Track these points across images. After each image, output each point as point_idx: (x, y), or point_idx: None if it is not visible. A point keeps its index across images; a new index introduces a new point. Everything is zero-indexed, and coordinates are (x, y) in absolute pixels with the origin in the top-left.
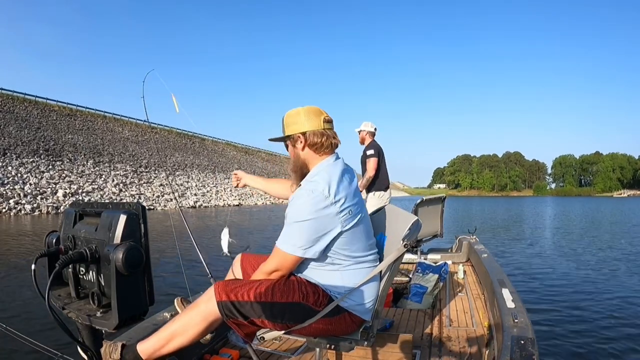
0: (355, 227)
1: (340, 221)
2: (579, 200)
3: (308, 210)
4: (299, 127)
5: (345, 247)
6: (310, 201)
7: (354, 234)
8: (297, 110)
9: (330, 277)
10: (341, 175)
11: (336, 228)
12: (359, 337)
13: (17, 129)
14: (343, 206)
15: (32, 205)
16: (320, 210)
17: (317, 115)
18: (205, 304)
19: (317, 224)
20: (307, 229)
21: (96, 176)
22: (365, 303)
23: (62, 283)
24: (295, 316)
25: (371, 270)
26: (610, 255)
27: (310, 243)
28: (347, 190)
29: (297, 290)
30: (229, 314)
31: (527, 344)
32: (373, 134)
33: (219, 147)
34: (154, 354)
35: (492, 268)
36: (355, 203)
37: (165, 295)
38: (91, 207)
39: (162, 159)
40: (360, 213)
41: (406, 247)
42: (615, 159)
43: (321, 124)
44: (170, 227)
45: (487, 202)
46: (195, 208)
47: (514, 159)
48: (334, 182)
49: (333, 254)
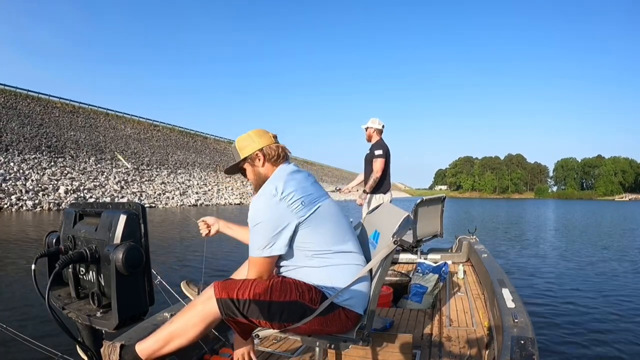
0: (315, 216)
1: (294, 213)
2: (580, 204)
3: (260, 212)
4: (255, 146)
5: (313, 239)
6: (260, 203)
7: (317, 224)
8: (247, 134)
9: (314, 275)
10: (290, 173)
11: (292, 221)
12: (354, 336)
13: (19, 125)
14: (293, 199)
15: (33, 202)
16: (270, 208)
17: (265, 134)
18: (203, 304)
19: (271, 222)
20: (264, 229)
21: (98, 173)
22: (358, 298)
23: (62, 283)
24: (292, 315)
25: (357, 266)
26: (610, 256)
27: (271, 240)
28: (297, 185)
29: (293, 289)
30: (228, 311)
31: (527, 344)
32: (380, 131)
33: (221, 145)
34: (152, 354)
35: (492, 268)
36: (309, 194)
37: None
38: (91, 207)
39: (164, 156)
40: (316, 203)
41: (396, 243)
42: (617, 163)
43: (272, 140)
44: (172, 226)
45: (488, 204)
46: (197, 206)
47: (516, 161)
48: (281, 181)
49: (304, 248)
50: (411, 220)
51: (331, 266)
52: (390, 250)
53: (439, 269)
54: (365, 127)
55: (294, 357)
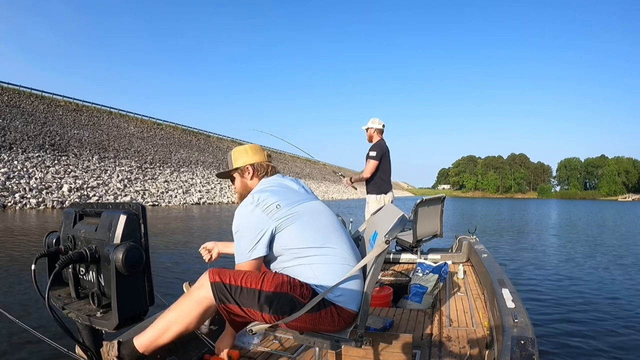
0: (293, 217)
1: (269, 216)
2: (583, 204)
3: (240, 220)
4: (248, 160)
5: (295, 238)
6: (240, 213)
7: (297, 225)
8: (243, 147)
9: (302, 273)
10: (268, 182)
11: (270, 224)
12: (347, 337)
13: (23, 123)
14: (267, 204)
15: (37, 200)
16: (249, 215)
17: (261, 151)
18: (198, 290)
19: (251, 228)
20: (244, 235)
21: (101, 171)
22: (350, 296)
23: (62, 283)
24: (282, 307)
25: (345, 264)
26: (611, 256)
27: (252, 244)
28: (272, 191)
29: (285, 283)
30: (221, 296)
31: (527, 344)
32: (381, 131)
33: (224, 144)
34: (151, 345)
35: (492, 268)
36: (286, 198)
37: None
38: (91, 207)
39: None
40: (295, 205)
41: (387, 243)
42: (620, 163)
43: (265, 158)
44: (175, 224)
45: (491, 203)
46: (200, 205)
47: (519, 160)
48: (258, 190)
49: (288, 247)
50: (405, 220)
51: (316, 264)
52: (381, 249)
53: (439, 269)
54: (365, 127)
55: (294, 357)
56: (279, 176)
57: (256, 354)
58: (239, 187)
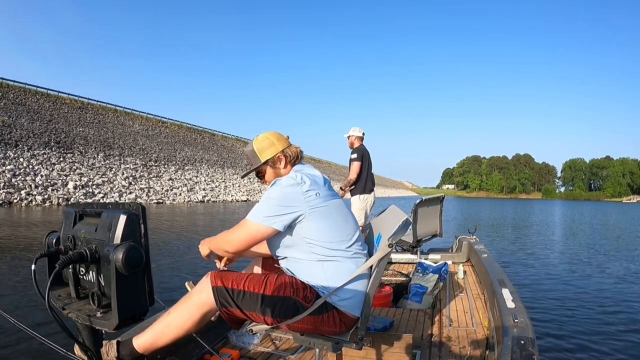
0: (324, 210)
1: (307, 202)
2: (587, 205)
3: (277, 189)
4: (276, 148)
5: (318, 231)
6: (280, 184)
7: (325, 218)
8: (264, 136)
9: (312, 269)
10: (309, 170)
11: (303, 207)
12: (347, 339)
13: (29, 121)
14: (310, 188)
15: (43, 197)
16: (287, 187)
17: (282, 136)
18: (198, 294)
19: (283, 198)
20: (274, 202)
21: (106, 169)
22: (353, 300)
23: (62, 283)
24: (284, 311)
25: (355, 267)
26: (612, 257)
27: (275, 213)
28: (313, 179)
29: (288, 286)
30: (222, 300)
31: (527, 344)
32: (361, 138)
33: (229, 142)
34: (150, 346)
35: (492, 268)
36: (323, 190)
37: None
38: (91, 207)
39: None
40: (330, 200)
41: (390, 246)
42: (625, 164)
43: (289, 142)
44: (179, 223)
45: (495, 203)
46: (204, 202)
47: (524, 161)
48: (301, 173)
49: (308, 239)
50: (410, 223)
51: (329, 262)
52: (384, 253)
53: (439, 269)
54: (347, 135)
55: (294, 357)
56: (311, 167)
57: (256, 354)
58: (272, 178)
